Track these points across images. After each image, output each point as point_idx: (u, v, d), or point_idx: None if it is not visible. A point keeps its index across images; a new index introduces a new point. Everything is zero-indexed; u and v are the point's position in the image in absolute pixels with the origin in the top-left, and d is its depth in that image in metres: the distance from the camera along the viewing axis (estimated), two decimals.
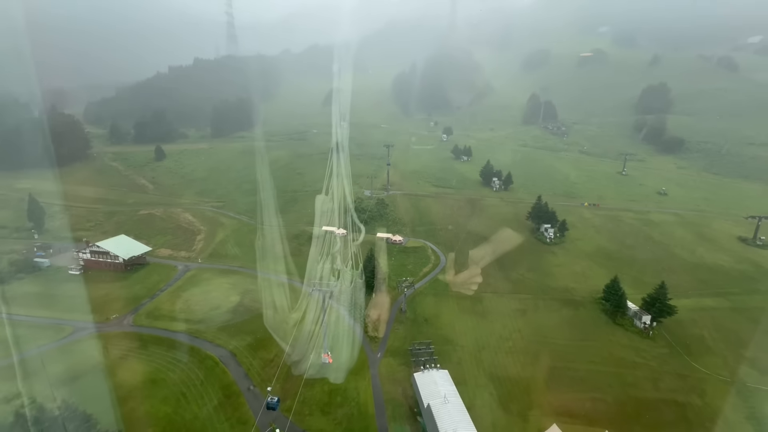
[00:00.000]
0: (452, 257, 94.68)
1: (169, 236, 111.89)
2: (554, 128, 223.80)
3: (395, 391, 56.77)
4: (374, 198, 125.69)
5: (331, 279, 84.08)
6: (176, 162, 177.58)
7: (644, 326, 68.13)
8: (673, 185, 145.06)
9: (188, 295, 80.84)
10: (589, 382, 58.02)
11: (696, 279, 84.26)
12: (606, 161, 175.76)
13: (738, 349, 63.70)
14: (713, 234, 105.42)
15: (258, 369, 60.49)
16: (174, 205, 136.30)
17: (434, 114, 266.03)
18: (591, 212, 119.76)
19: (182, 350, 63.94)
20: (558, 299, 77.93)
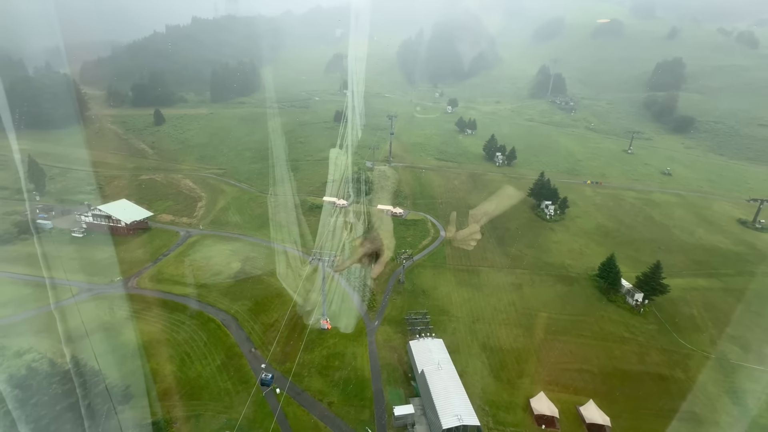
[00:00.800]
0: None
1: (170, 202, 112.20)
2: (562, 103, 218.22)
3: (391, 357, 59.05)
4: (376, 169, 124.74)
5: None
6: (176, 127, 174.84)
7: (636, 303, 69.73)
8: (679, 165, 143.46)
9: (190, 261, 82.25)
10: (578, 354, 60.17)
11: (691, 259, 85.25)
12: (613, 138, 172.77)
13: (724, 328, 65.53)
14: (713, 216, 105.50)
15: (259, 333, 62.60)
16: (174, 170, 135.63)
17: (440, 84, 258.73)
18: (593, 190, 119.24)
19: (186, 313, 65.94)
20: (554, 275, 79.27)
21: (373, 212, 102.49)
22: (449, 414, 44.91)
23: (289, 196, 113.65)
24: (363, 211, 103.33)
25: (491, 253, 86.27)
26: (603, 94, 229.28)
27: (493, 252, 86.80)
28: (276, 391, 51.97)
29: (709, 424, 49.86)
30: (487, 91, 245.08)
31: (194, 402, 50.47)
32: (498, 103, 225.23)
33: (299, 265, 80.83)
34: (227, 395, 51.52)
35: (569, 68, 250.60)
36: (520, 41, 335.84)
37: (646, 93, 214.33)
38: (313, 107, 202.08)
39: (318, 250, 70.83)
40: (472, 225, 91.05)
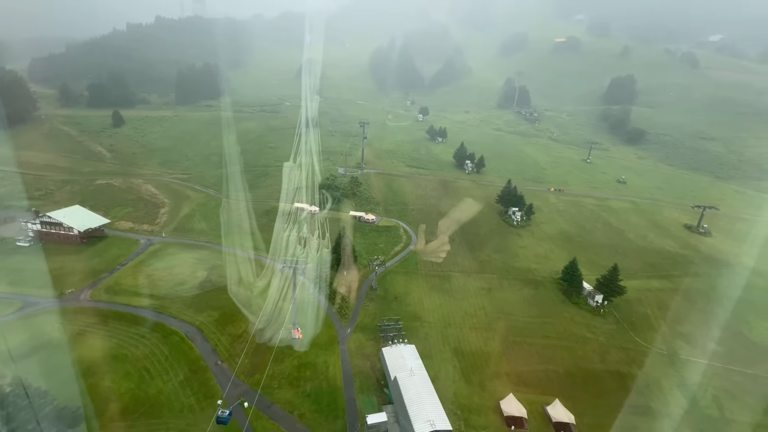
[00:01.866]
0: (423, 228, 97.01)
1: (129, 208, 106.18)
2: (527, 114, 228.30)
3: (364, 365, 58.54)
4: (348, 176, 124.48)
5: (297, 248, 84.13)
6: (136, 129, 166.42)
7: (596, 305, 73.46)
8: (632, 174, 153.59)
9: (151, 270, 77.98)
10: (544, 355, 62.42)
11: (645, 262, 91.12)
12: (573, 148, 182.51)
13: (675, 326, 70.40)
14: (663, 221, 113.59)
15: (226, 344, 60.17)
16: (135, 175, 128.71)
17: (411, 93, 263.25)
18: (556, 197, 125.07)
19: (145, 326, 62.27)
20: (521, 279, 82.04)
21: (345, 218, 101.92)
22: (422, 420, 45.05)
23: (258, 202, 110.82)
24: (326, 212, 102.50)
25: (462, 259, 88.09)
26: (564, 106, 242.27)
27: (463, 257, 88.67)
28: (244, 405, 50.01)
29: (662, 416, 53.09)
30: (457, 101, 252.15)
31: (154, 421, 47.59)
32: (467, 112, 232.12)
33: (269, 274, 78.71)
34: (191, 412, 48.97)
35: (533, 81, 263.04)
36: (487, 54, 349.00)
37: (603, 106, 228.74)
38: (284, 112, 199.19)
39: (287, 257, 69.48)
40: (441, 237, 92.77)
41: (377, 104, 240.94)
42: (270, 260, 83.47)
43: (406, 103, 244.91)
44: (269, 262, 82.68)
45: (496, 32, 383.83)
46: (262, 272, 78.67)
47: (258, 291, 72.33)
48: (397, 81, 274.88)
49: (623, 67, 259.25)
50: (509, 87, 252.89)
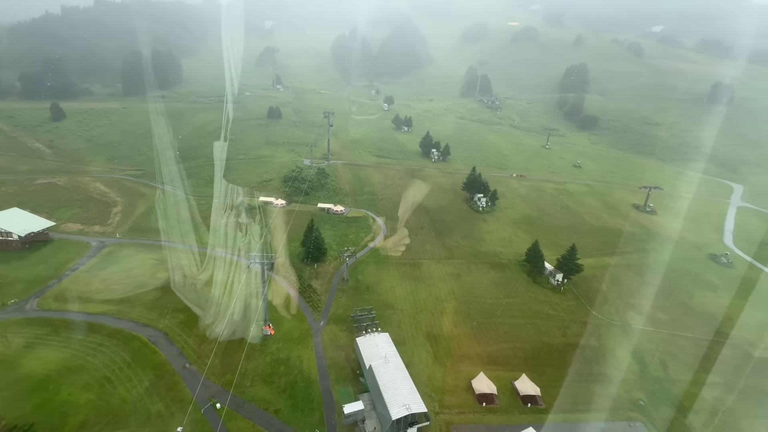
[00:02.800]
0: (388, 224, 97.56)
1: (77, 209, 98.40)
2: (489, 102, 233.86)
3: (338, 356, 58.69)
4: (314, 168, 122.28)
5: (239, 236, 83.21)
6: (80, 123, 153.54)
7: (557, 283, 77.83)
8: (587, 159, 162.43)
9: (106, 274, 73.14)
10: (511, 333, 65.55)
11: (599, 241, 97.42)
12: (533, 135, 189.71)
13: (627, 299, 76.21)
14: (615, 202, 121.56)
15: (194, 346, 57.98)
16: (80, 173, 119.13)
17: (376, 81, 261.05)
18: (518, 183, 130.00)
19: (102, 333, 58.54)
20: (488, 263, 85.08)
21: (314, 211, 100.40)
22: (397, 405, 46.05)
23: (222, 197, 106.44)
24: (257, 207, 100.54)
25: (431, 246, 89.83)
26: (523, 94, 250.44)
27: (432, 244, 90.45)
28: (216, 407, 48.72)
29: (618, 382, 57.65)
30: (421, 90, 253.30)
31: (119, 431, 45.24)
32: (431, 101, 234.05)
33: (237, 271, 76.32)
34: (159, 418, 47.04)
35: (494, 70, 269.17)
36: (449, 43, 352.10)
37: (559, 94, 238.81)
38: (244, 103, 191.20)
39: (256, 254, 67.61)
40: (401, 231, 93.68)
41: (341, 94, 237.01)
42: (236, 256, 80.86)
43: (371, 93, 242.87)
44: (236, 259, 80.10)
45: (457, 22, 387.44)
46: (228, 270, 76.10)
47: (224, 289, 70.00)
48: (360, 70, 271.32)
49: (576, 57, 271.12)
50: (471, 76, 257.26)
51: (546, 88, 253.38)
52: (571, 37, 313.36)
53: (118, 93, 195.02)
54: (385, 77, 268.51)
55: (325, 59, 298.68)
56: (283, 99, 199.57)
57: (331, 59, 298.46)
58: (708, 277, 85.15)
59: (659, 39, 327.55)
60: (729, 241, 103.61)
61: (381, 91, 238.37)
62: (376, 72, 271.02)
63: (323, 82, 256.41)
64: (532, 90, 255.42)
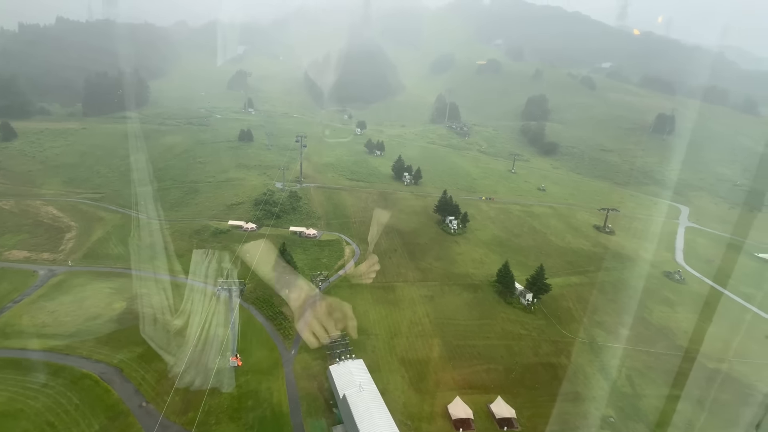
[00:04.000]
0: (361, 247, 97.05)
1: (24, 234, 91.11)
2: (458, 128, 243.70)
3: (311, 387, 56.25)
4: (286, 191, 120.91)
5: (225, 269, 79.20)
6: (32, 143, 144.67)
7: (527, 303, 79.72)
8: (550, 182, 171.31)
9: (54, 305, 67.27)
10: (485, 355, 65.79)
11: (565, 261, 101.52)
12: (500, 160, 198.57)
13: (592, 316, 79.08)
14: (577, 223, 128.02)
15: (152, 383, 53.69)
16: (31, 196, 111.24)
17: (348, 107, 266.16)
18: (487, 205, 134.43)
19: (47, 372, 53.12)
20: (460, 284, 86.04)
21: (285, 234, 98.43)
22: None
23: (187, 221, 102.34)
24: None
25: (404, 269, 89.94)
26: (489, 121, 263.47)
27: (406, 267, 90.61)
28: None
29: (588, 399, 58.82)
30: (393, 116, 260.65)
31: None
32: (403, 126, 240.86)
33: (203, 299, 72.55)
34: None
35: (461, 98, 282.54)
36: (419, 72, 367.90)
37: (522, 122, 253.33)
38: (214, 125, 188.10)
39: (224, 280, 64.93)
40: (370, 258, 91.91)
41: (314, 118, 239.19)
42: (203, 283, 77.10)
43: (344, 117, 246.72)
44: (202, 286, 76.31)
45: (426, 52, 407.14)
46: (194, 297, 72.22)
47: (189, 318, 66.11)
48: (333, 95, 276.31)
49: (536, 88, 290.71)
50: (440, 103, 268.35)
51: (510, 116, 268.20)
52: (530, 69, 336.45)
53: (78, 113, 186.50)
54: (357, 103, 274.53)
55: (298, 84, 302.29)
56: (256, 122, 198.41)
57: (304, 84, 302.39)
58: (664, 294, 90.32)
59: (608, 74, 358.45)
60: (680, 258, 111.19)
61: (353, 116, 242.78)
62: (348, 98, 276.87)
63: (296, 106, 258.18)
64: (497, 117, 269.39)
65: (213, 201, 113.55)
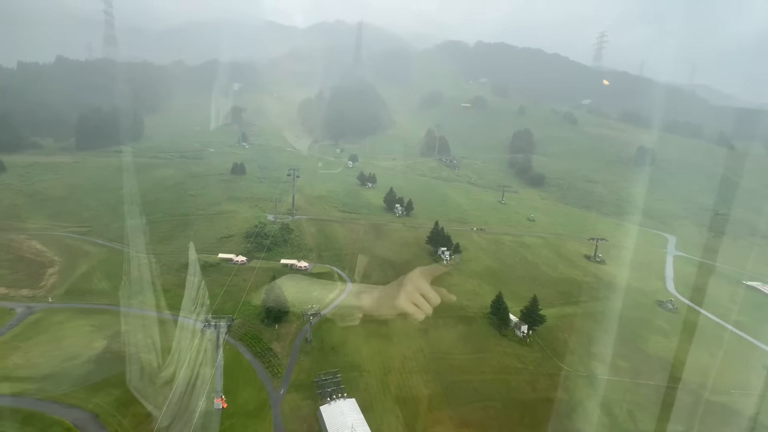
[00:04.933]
0: (354, 279, 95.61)
1: (4, 270, 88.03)
2: (447, 161, 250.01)
3: (300, 429, 53.22)
4: (278, 223, 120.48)
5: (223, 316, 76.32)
6: (21, 177, 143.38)
7: (523, 335, 78.37)
8: (539, 213, 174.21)
9: (29, 345, 63.91)
10: (482, 391, 63.55)
11: (558, 291, 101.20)
12: (490, 191, 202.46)
13: (589, 347, 77.81)
14: (568, 253, 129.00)
15: (128, 429, 50.25)
16: (14, 230, 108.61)
17: (340, 141, 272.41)
18: (479, 236, 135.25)
19: (15, 419, 49.39)
20: (455, 316, 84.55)
21: (276, 267, 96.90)
22: None
23: (176, 254, 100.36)
24: None
25: None
26: (478, 154, 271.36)
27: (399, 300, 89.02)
28: None
29: None
30: (384, 149, 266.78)
31: None
32: (394, 159, 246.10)
33: (189, 336, 69.75)
34: None
35: (450, 132, 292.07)
36: (408, 108, 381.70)
37: (509, 155, 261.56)
38: (207, 159, 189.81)
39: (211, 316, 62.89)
40: (366, 286, 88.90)
41: (307, 152, 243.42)
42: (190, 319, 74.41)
43: (336, 151, 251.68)
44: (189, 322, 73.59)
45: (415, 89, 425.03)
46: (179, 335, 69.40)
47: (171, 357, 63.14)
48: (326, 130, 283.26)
49: (521, 123, 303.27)
50: (430, 137, 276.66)
51: (498, 149, 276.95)
52: (515, 106, 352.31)
53: (71, 147, 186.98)
54: (349, 137, 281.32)
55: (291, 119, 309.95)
56: (249, 155, 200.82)
57: (297, 120, 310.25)
58: (658, 323, 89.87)
59: (588, 110, 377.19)
60: (671, 287, 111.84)
61: (346, 150, 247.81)
62: (341, 132, 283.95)
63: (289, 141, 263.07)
64: (485, 150, 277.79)
65: (203, 234, 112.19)
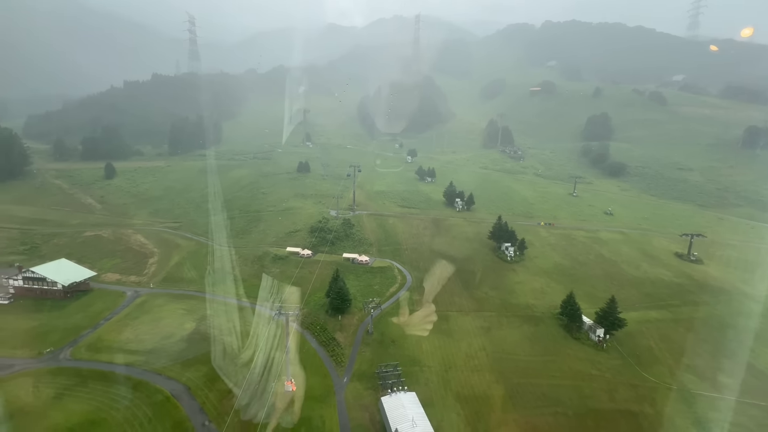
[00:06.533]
0: (413, 274, 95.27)
1: (117, 259, 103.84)
2: (511, 152, 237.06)
3: (362, 417, 55.00)
4: (340, 218, 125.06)
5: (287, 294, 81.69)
6: (128, 180, 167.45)
7: (598, 339, 71.70)
8: (618, 206, 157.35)
9: (137, 324, 74.70)
10: (550, 396, 59.60)
11: (641, 293, 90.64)
12: (558, 183, 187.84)
13: (680, 358, 68.57)
14: (654, 251, 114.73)
15: (214, 402, 56.36)
16: (124, 225, 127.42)
17: (399, 136, 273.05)
18: (547, 231, 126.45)
19: (128, 385, 58.35)
20: (519, 316, 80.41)
21: (339, 261, 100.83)
22: None
23: (250, 247, 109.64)
24: None
25: (458, 297, 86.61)
26: (545, 144, 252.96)
27: (460, 296, 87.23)
28: None
29: None
30: (444, 143, 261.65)
31: None
32: (454, 153, 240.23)
33: (261, 322, 75.95)
34: None
35: (514, 122, 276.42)
36: (469, 99, 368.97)
37: (582, 143, 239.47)
38: (275, 159, 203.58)
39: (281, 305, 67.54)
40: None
41: (366, 148, 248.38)
42: (262, 307, 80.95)
43: (395, 146, 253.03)
44: (261, 310, 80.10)
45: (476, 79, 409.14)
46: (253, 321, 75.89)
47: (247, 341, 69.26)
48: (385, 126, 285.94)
49: (597, 107, 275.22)
50: (492, 128, 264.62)
51: (568, 138, 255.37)
52: (589, 89, 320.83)
53: (165, 153, 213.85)
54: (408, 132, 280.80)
55: (352, 117, 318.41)
56: (312, 154, 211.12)
57: (357, 117, 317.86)
58: None
59: (680, 87, 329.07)
60: None
61: (404, 145, 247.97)
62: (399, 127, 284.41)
63: (349, 138, 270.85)
64: (554, 139, 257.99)
65: (273, 228, 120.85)
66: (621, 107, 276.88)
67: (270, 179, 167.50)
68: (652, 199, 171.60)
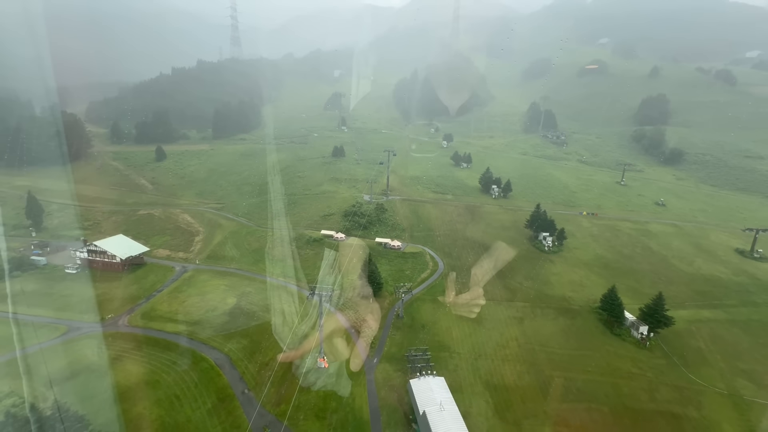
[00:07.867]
0: (452, 277, 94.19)
1: (167, 237, 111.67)
2: (554, 137, 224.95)
3: (391, 397, 56.42)
4: (374, 203, 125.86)
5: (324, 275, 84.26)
6: (176, 162, 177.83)
7: (641, 337, 68.01)
8: (672, 196, 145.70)
9: (184, 297, 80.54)
10: (585, 391, 57.76)
11: (693, 290, 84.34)
12: (605, 171, 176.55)
13: (734, 362, 63.60)
14: (711, 245, 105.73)
15: (253, 373, 60.08)
16: (173, 205, 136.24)
17: (435, 120, 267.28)
18: (589, 221, 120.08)
19: (177, 352, 63.57)
20: (555, 308, 77.83)
21: (371, 245, 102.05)
22: None
23: (286, 229, 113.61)
24: None
25: (491, 286, 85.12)
26: (592, 128, 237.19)
27: (493, 284, 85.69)
28: None
29: None
30: (481, 127, 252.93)
31: None
32: (492, 137, 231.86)
33: (296, 301, 79.20)
34: None
35: (558, 105, 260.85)
36: (509, 80, 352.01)
37: (634, 127, 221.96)
38: (312, 143, 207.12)
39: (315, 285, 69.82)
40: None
41: (401, 132, 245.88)
42: (297, 287, 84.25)
43: (430, 131, 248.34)
44: (296, 289, 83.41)
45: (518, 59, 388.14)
46: (289, 299, 79.30)
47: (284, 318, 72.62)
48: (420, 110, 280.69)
49: (653, 88, 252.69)
50: (534, 111, 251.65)
51: (618, 121, 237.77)
52: (645, 68, 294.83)
53: (209, 137, 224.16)
54: (444, 116, 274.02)
55: (387, 101, 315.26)
56: (347, 139, 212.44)
57: (392, 101, 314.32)
58: None
59: (755, 65, 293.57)
60: None
61: (440, 130, 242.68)
62: (435, 111, 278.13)
63: (384, 122, 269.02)
64: (601, 124, 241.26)
65: (308, 212, 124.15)
66: (681, 88, 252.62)
67: (306, 163, 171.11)
68: (712, 190, 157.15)
